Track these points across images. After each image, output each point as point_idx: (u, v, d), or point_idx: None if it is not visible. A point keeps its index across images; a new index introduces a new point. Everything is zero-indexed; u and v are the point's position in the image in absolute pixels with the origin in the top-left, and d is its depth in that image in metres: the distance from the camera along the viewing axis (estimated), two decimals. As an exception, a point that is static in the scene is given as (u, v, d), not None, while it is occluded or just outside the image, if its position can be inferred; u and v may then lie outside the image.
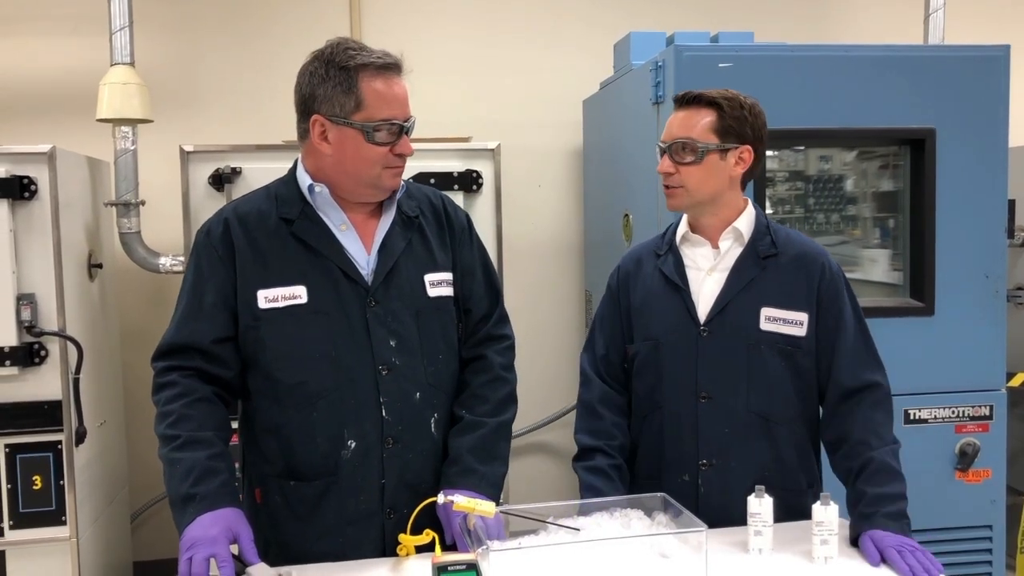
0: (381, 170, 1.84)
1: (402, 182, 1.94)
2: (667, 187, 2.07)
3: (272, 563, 1.70)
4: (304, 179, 1.90)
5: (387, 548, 1.86)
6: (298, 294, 1.85)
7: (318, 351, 1.85)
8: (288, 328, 1.85)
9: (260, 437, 1.93)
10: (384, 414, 1.86)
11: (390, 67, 1.82)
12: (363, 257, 1.90)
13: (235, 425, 1.98)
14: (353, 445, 1.85)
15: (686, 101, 2.05)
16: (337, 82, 1.79)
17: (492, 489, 1.88)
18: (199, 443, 1.77)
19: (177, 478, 1.74)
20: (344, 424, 1.85)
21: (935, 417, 3.17)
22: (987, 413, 3.19)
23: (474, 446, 1.92)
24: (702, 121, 2.02)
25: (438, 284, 1.96)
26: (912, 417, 3.15)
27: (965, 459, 3.16)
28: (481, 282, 2.05)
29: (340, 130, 1.81)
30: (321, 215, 1.89)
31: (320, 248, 1.87)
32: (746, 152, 2.05)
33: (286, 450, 1.89)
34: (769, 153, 3.23)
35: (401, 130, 1.83)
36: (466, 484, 1.86)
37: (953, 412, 3.18)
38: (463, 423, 1.95)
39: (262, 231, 1.88)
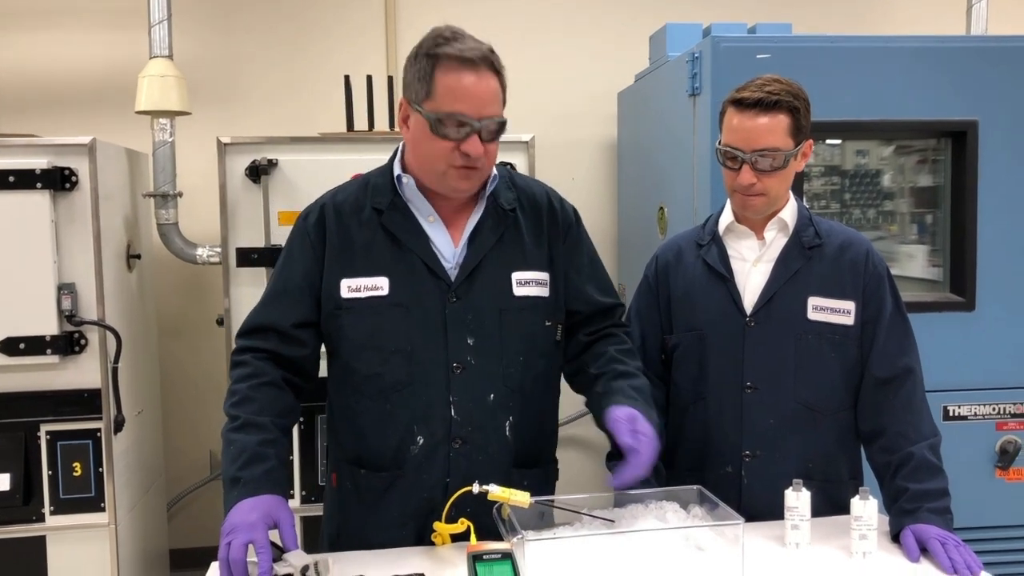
0: (447, 168, 1.77)
1: (497, 172, 1.90)
2: (746, 196, 2.00)
3: (340, 548, 1.70)
4: (396, 169, 1.89)
5: None
6: (380, 285, 1.84)
7: (394, 344, 1.83)
8: (367, 319, 1.84)
9: (338, 423, 1.95)
10: (453, 413, 1.84)
11: (469, 61, 1.72)
12: (450, 250, 1.87)
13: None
14: (421, 441, 1.84)
15: (763, 106, 1.94)
16: (419, 67, 1.76)
17: (651, 412, 1.81)
18: (254, 427, 1.77)
19: (228, 459, 1.75)
20: (414, 420, 1.84)
21: (975, 414, 3.12)
22: (1029, 410, 3.14)
23: (635, 387, 1.86)
24: (783, 126, 1.94)
25: (526, 283, 1.89)
26: (952, 414, 3.10)
27: (1006, 457, 3.11)
28: (589, 277, 1.99)
29: (415, 116, 1.78)
30: (410, 206, 1.87)
31: (405, 240, 1.85)
32: (809, 146, 2.03)
33: (359, 439, 1.90)
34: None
35: (471, 129, 1.74)
36: (629, 403, 1.79)
37: (994, 409, 3.13)
38: (615, 372, 1.90)
39: (355, 220, 1.87)
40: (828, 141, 3.27)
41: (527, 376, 1.90)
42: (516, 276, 1.89)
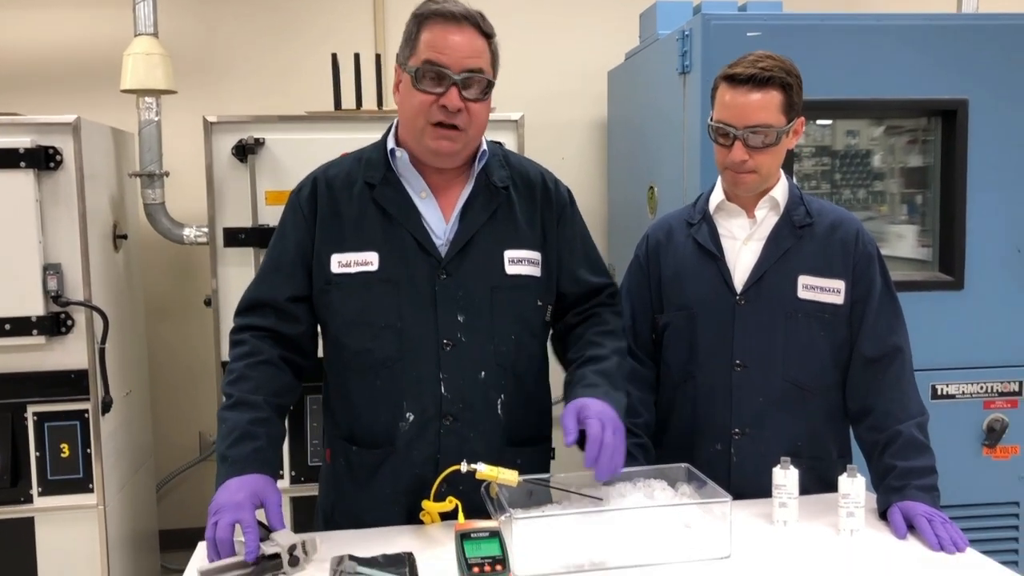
0: (425, 125, 1.77)
1: (490, 149, 1.90)
2: (737, 173, 1.99)
3: (334, 526, 1.70)
4: (390, 143, 1.88)
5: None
6: (370, 260, 1.83)
7: (383, 320, 1.82)
8: (357, 295, 1.83)
9: (332, 401, 1.95)
10: (443, 390, 1.83)
11: (452, 16, 1.74)
12: (441, 227, 1.85)
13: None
14: (411, 418, 1.84)
15: (756, 82, 1.93)
16: (409, 29, 1.78)
17: (618, 408, 1.78)
18: (247, 405, 1.77)
19: (220, 437, 1.76)
20: (404, 396, 1.83)
21: (963, 393, 3.13)
22: (1016, 389, 3.15)
23: (599, 371, 1.85)
24: (775, 103, 1.94)
25: (519, 262, 1.88)
26: (940, 392, 3.11)
27: (993, 435, 3.13)
28: (583, 259, 1.99)
29: (403, 78, 1.79)
30: (403, 181, 1.86)
31: (397, 215, 1.84)
32: (800, 124, 2.02)
33: (351, 416, 1.90)
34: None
35: (449, 81, 1.73)
36: (594, 395, 1.77)
37: (981, 388, 3.14)
38: (583, 359, 1.89)
39: (346, 194, 1.86)
40: (819, 122, 3.26)
41: (519, 355, 1.90)
42: (508, 254, 1.87)
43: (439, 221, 1.86)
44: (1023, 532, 3.17)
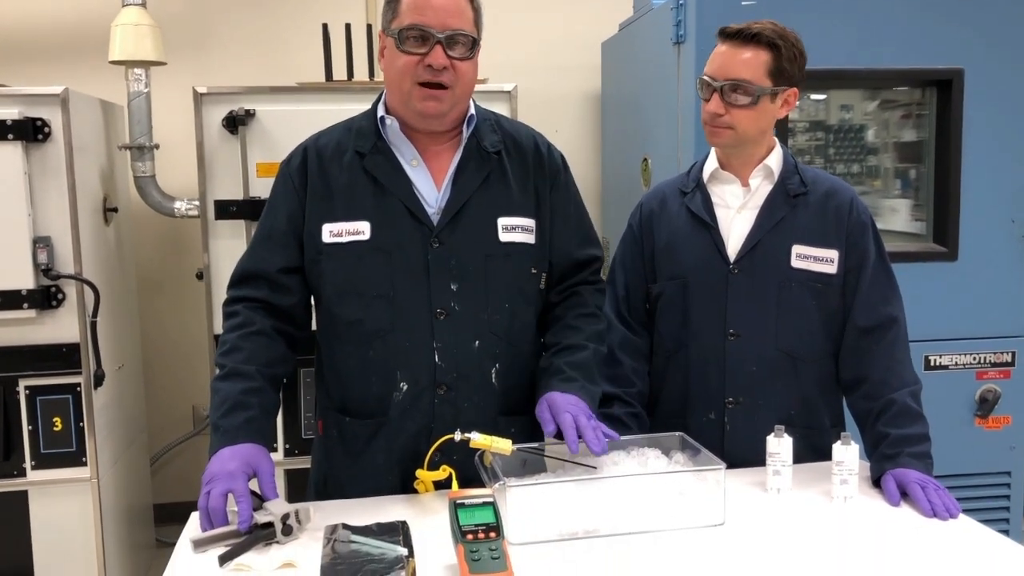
0: (412, 86, 1.75)
1: (479, 113, 1.88)
2: (713, 126, 1.99)
3: (327, 498, 1.71)
4: (380, 111, 1.86)
5: None
6: (361, 230, 1.81)
7: (375, 290, 1.81)
8: (348, 264, 1.82)
9: (325, 372, 1.94)
10: (437, 360, 1.82)
11: None
12: (433, 195, 1.84)
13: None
14: (405, 388, 1.83)
15: (743, 37, 1.93)
16: None
17: (592, 403, 1.81)
18: (239, 376, 1.76)
19: (213, 407, 1.76)
20: (397, 366, 1.82)
21: (956, 363, 3.14)
22: (1009, 360, 3.16)
23: (573, 363, 1.86)
24: (759, 62, 1.92)
25: (512, 229, 1.86)
26: (933, 363, 3.12)
27: (985, 406, 3.14)
28: (574, 227, 1.97)
29: (386, 41, 1.78)
30: (393, 149, 1.84)
31: (387, 183, 1.82)
32: (792, 95, 2.00)
33: (343, 387, 1.89)
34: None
35: (433, 40, 1.72)
36: (568, 390, 1.79)
37: (974, 358, 3.15)
38: (559, 347, 1.90)
39: (336, 164, 1.84)
40: (813, 96, 3.24)
41: (513, 324, 1.88)
42: (502, 221, 1.86)
43: (431, 189, 1.84)
44: (1015, 502, 3.19)
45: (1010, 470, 3.18)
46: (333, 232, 1.82)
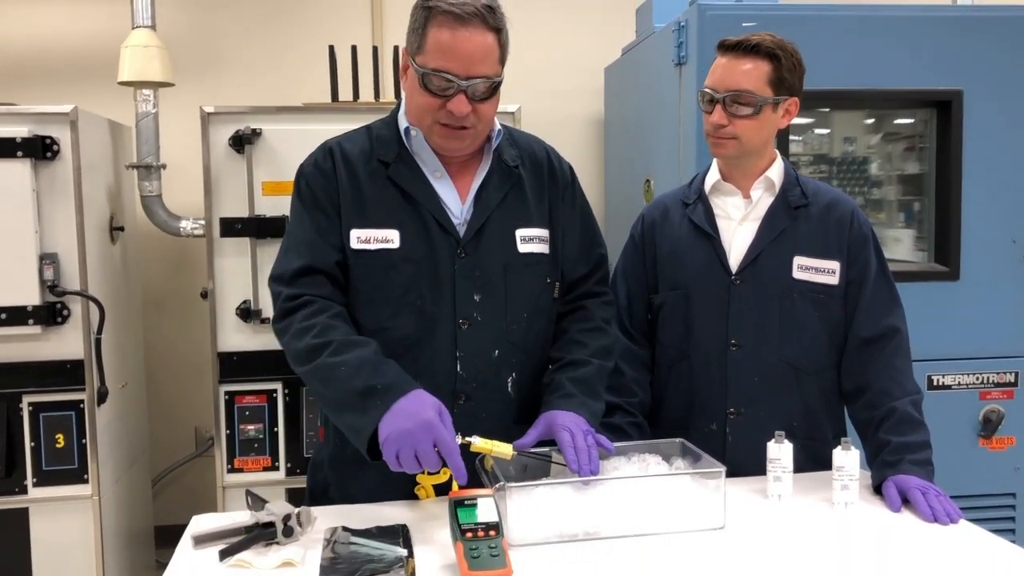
0: (432, 124, 1.75)
1: (501, 127, 1.88)
2: (716, 137, 2.01)
3: (332, 503, 1.71)
4: (403, 121, 1.85)
5: None
6: (391, 238, 1.80)
7: (402, 298, 1.80)
8: (377, 272, 1.80)
9: None
10: (459, 369, 1.81)
11: (462, 17, 1.68)
12: (457, 206, 1.84)
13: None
14: None
15: (743, 49, 1.97)
16: (415, 18, 1.74)
17: (594, 419, 1.80)
18: (357, 344, 1.71)
19: (342, 380, 1.66)
20: (419, 374, 1.76)
21: (959, 383, 3.13)
22: (1012, 380, 3.15)
23: (575, 378, 1.85)
24: (760, 72, 1.96)
25: (530, 240, 1.87)
26: (936, 383, 3.11)
27: (989, 426, 3.13)
28: (580, 239, 1.98)
29: (409, 63, 1.77)
30: (417, 160, 1.84)
31: (414, 194, 1.81)
32: (793, 104, 2.03)
33: None
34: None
35: (456, 88, 1.70)
36: (568, 407, 1.78)
37: (977, 378, 3.14)
38: (563, 362, 1.89)
39: (364, 170, 1.83)
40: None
41: (529, 332, 1.89)
42: (520, 233, 1.87)
43: (455, 201, 1.85)
44: (1019, 523, 3.16)
45: (1015, 491, 3.16)
46: (361, 239, 1.81)
